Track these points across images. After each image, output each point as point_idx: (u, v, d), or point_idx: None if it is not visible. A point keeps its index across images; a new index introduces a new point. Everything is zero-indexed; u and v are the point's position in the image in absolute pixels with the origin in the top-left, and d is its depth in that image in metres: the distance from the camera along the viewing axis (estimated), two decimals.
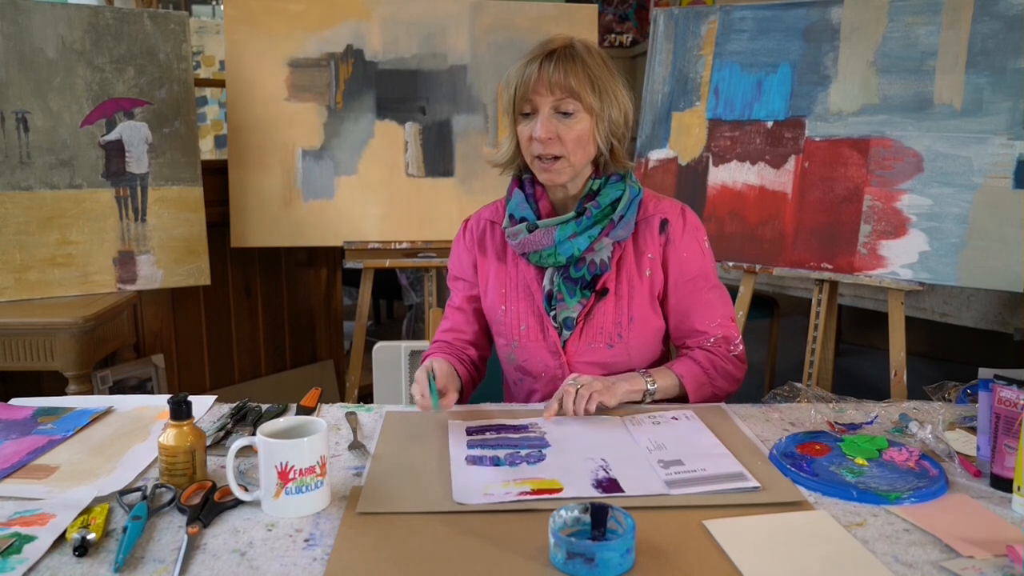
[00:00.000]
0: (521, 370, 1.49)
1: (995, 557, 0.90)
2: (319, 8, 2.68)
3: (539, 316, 1.45)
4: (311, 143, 2.70)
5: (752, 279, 2.34)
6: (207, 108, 4.25)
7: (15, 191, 2.31)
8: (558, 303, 1.43)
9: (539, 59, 1.34)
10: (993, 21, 2.01)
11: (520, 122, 1.37)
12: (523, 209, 1.42)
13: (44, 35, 2.31)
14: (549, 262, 1.41)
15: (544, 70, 1.32)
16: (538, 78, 1.32)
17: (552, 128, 1.33)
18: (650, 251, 1.44)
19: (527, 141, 1.36)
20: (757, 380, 3.76)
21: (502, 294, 1.47)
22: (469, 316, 1.54)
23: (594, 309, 1.42)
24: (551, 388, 1.45)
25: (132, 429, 1.30)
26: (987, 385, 1.12)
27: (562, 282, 1.42)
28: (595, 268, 1.41)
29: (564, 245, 1.38)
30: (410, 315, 4.48)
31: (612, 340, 1.43)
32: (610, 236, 1.40)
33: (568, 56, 1.33)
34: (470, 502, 1.03)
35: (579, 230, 1.38)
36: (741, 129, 2.37)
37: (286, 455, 0.99)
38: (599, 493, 1.05)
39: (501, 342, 1.51)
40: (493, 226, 1.51)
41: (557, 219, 1.39)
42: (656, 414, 1.32)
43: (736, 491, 1.05)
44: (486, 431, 1.26)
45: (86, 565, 0.90)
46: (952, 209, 2.03)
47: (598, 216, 1.39)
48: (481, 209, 1.56)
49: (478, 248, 1.52)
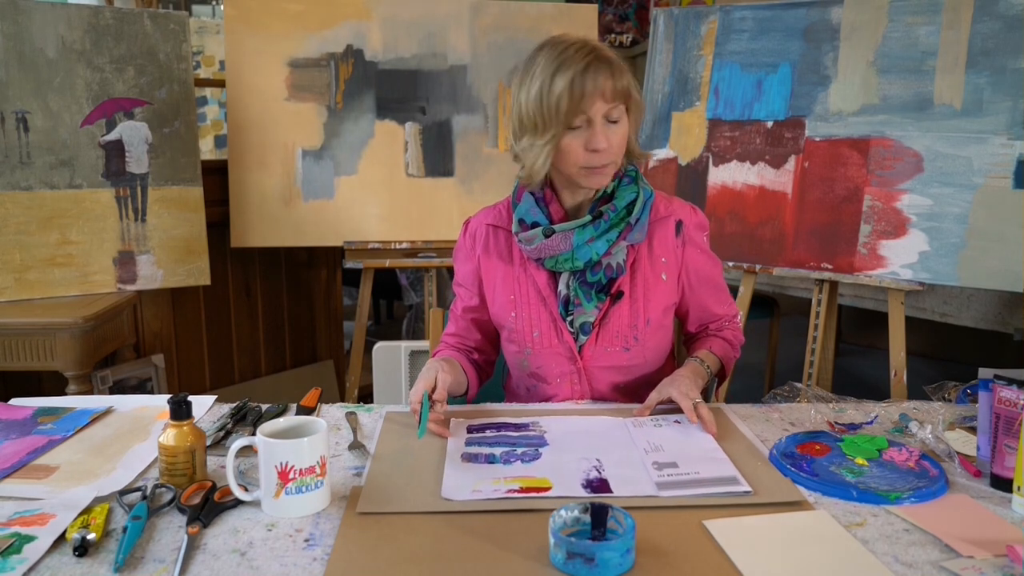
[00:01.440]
0: (536, 376, 1.46)
1: (995, 557, 0.90)
2: (319, 8, 2.68)
3: (553, 321, 1.42)
4: (311, 143, 2.70)
5: (752, 279, 2.34)
6: (207, 108, 4.25)
7: (15, 191, 2.31)
8: (575, 308, 1.41)
9: (584, 69, 1.27)
10: (993, 21, 2.01)
11: (566, 135, 1.31)
12: (535, 214, 1.39)
13: (44, 35, 2.31)
14: (566, 267, 1.39)
15: (595, 80, 1.27)
16: (592, 88, 1.27)
17: (608, 136, 1.30)
18: (665, 254, 1.44)
19: (580, 152, 1.31)
20: (757, 380, 3.76)
21: (511, 300, 1.45)
22: (469, 325, 1.53)
23: (609, 313, 1.41)
24: (568, 394, 1.45)
25: (132, 429, 1.30)
26: (987, 385, 1.12)
27: (578, 287, 1.40)
28: (611, 272, 1.39)
29: (582, 249, 1.36)
30: (410, 315, 4.48)
31: (628, 343, 1.42)
32: (627, 240, 1.39)
33: (606, 60, 1.30)
34: (457, 498, 1.03)
35: (597, 234, 1.36)
36: (741, 129, 2.37)
37: (286, 455, 0.99)
38: (588, 493, 1.05)
39: (513, 348, 1.47)
40: (496, 231, 1.48)
41: (574, 223, 1.36)
42: (659, 416, 1.32)
43: (727, 495, 1.05)
44: (487, 429, 1.27)
45: (86, 565, 0.90)
46: (952, 209, 2.03)
47: (615, 220, 1.37)
48: (480, 213, 1.53)
49: (482, 253, 1.48)
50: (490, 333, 1.54)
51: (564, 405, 1.42)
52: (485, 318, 1.52)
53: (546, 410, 1.37)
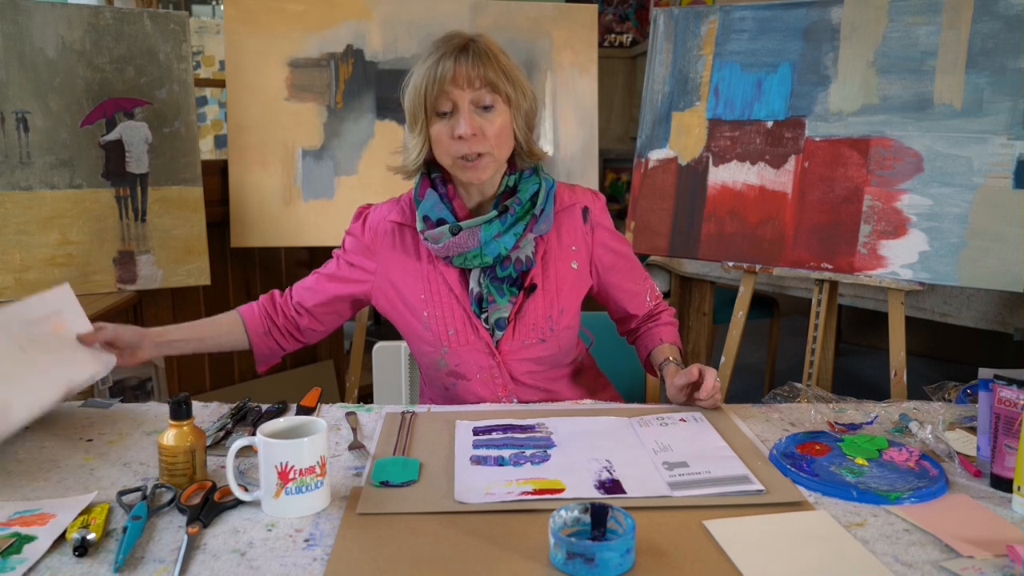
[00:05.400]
0: (454, 374, 1.45)
1: (995, 557, 0.90)
2: (319, 8, 2.68)
3: (467, 319, 1.41)
4: (311, 143, 2.70)
5: (752, 279, 2.34)
6: (207, 108, 4.24)
7: (15, 191, 2.31)
8: (489, 305, 1.41)
9: (451, 54, 1.30)
10: (993, 21, 2.01)
11: (435, 122, 1.33)
12: (439, 210, 1.38)
13: (44, 35, 2.31)
14: (475, 263, 1.38)
15: (460, 64, 1.29)
16: (455, 73, 1.29)
17: (476, 123, 1.31)
18: (575, 243, 1.45)
19: (448, 141, 1.32)
20: (757, 380, 3.76)
21: (422, 300, 1.42)
22: (317, 289, 1.51)
23: (524, 306, 1.42)
24: (489, 388, 1.44)
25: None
26: (987, 385, 1.12)
27: (490, 283, 1.40)
28: (521, 265, 1.40)
29: (490, 245, 1.36)
30: None
31: (544, 335, 1.42)
32: (534, 232, 1.40)
33: (478, 50, 1.32)
34: (472, 501, 1.03)
35: (504, 229, 1.36)
36: (741, 129, 2.37)
37: (286, 455, 0.99)
38: (601, 494, 1.05)
39: (426, 348, 1.45)
40: (402, 228, 1.46)
41: (480, 219, 1.36)
42: (664, 415, 1.32)
43: (740, 494, 1.05)
44: (493, 431, 1.26)
45: (86, 565, 0.90)
46: (952, 209, 2.03)
47: (520, 213, 1.38)
48: (382, 206, 1.50)
49: (387, 252, 1.46)
50: (324, 315, 1.51)
51: (566, 405, 1.42)
52: (335, 301, 1.49)
53: (550, 411, 1.37)
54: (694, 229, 2.36)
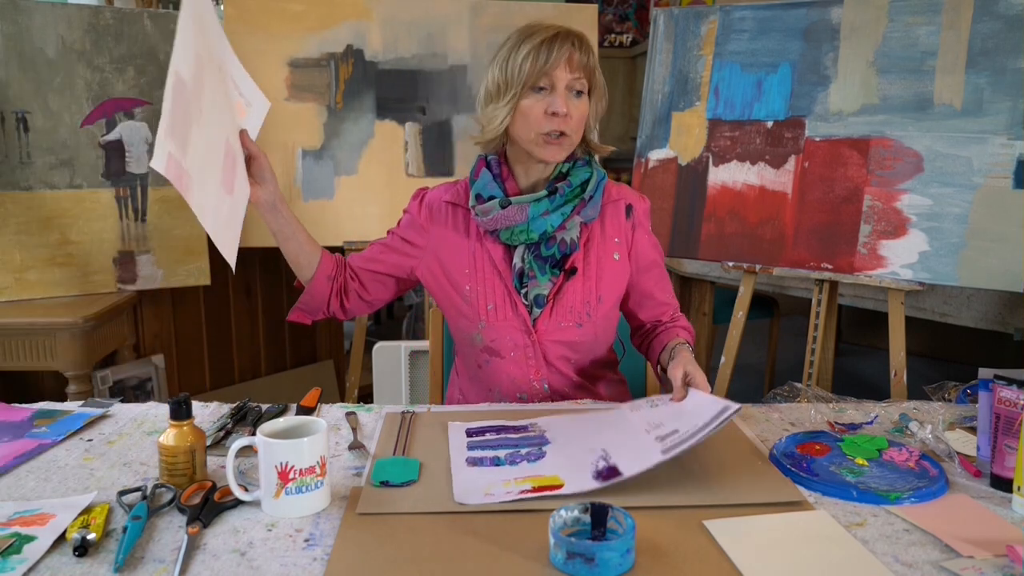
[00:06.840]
0: (489, 350, 1.47)
1: (995, 557, 0.90)
2: (319, 8, 2.68)
3: (508, 294, 1.44)
4: (311, 143, 2.70)
5: (752, 279, 2.34)
6: None
7: (15, 191, 2.31)
8: (529, 280, 1.43)
9: (558, 39, 1.36)
10: (993, 21, 2.01)
11: (528, 96, 1.36)
12: (492, 188, 1.43)
13: (44, 35, 2.31)
14: (521, 239, 1.41)
15: (565, 48, 1.35)
16: (559, 55, 1.35)
17: (570, 104, 1.36)
18: (617, 235, 1.48)
19: (540, 116, 1.36)
20: (757, 380, 3.76)
21: (466, 274, 1.46)
22: (378, 257, 1.53)
23: (563, 288, 1.44)
24: (522, 369, 1.45)
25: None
26: (987, 385, 1.12)
27: (533, 260, 1.43)
28: (565, 247, 1.42)
29: (537, 221, 1.39)
30: (410, 315, 4.48)
31: (581, 319, 1.45)
32: (580, 215, 1.43)
33: (582, 41, 1.39)
34: (471, 502, 1.03)
35: (552, 207, 1.40)
36: (741, 129, 2.37)
37: (286, 455, 0.99)
38: (600, 483, 1.05)
39: (463, 323, 1.48)
40: (455, 208, 1.50)
41: (531, 196, 1.40)
42: (654, 397, 1.32)
43: (722, 424, 1.08)
44: (486, 432, 1.26)
45: (86, 565, 0.90)
46: (952, 209, 2.03)
47: (569, 195, 1.41)
48: (438, 188, 1.53)
49: (438, 226, 1.49)
50: (370, 280, 1.53)
51: (557, 405, 1.42)
52: (382, 265, 1.52)
53: (541, 411, 1.37)
54: (694, 229, 2.36)
